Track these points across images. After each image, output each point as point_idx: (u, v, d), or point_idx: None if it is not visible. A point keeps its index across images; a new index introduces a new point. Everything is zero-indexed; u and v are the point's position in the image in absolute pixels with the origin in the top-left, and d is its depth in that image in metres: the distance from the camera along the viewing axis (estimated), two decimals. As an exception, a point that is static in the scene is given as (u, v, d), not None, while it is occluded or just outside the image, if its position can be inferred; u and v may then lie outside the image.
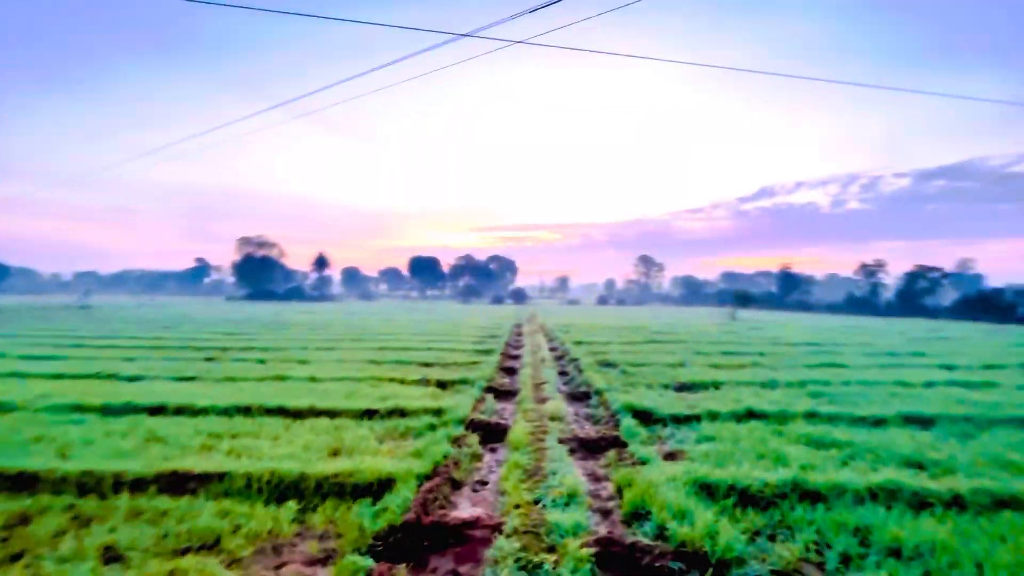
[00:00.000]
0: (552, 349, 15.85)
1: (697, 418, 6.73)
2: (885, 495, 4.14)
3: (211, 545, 3.44)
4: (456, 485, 4.67)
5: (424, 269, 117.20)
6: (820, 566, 3.30)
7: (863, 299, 61.92)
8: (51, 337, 16.88)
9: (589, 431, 6.51)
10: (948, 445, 5.56)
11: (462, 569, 3.24)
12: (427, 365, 11.60)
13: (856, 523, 3.70)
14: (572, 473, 4.71)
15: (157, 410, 6.82)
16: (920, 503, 4.07)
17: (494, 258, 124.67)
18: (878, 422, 6.56)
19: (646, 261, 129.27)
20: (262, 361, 11.76)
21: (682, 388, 8.95)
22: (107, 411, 6.72)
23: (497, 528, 3.59)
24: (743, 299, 44.16)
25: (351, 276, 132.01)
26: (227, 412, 6.74)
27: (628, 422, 6.42)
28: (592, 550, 3.25)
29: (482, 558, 3.30)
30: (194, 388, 8.28)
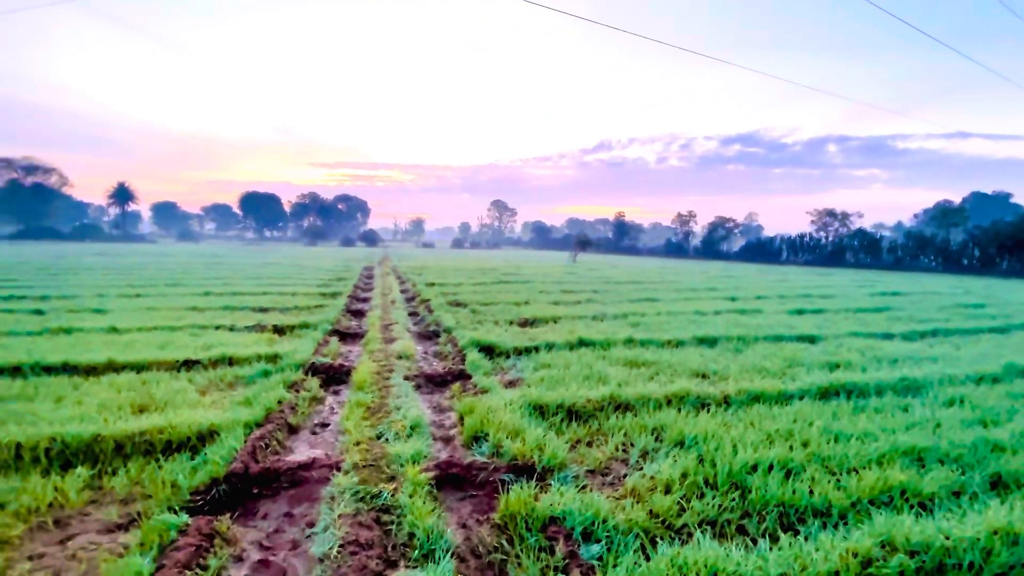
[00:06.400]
0: (404, 291, 15.62)
1: (536, 349, 7.30)
2: (677, 400, 5.02)
3: (-38, 530, 2.80)
4: (293, 430, 4.45)
5: (260, 207, 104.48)
6: (625, 462, 3.91)
7: (678, 245, 72.25)
8: None
9: (436, 367, 6.66)
10: (725, 358, 6.90)
11: (296, 510, 3.14)
12: (263, 310, 10.60)
13: (654, 425, 4.43)
14: (417, 407, 4.80)
15: None
16: (702, 404, 5.02)
17: (343, 197, 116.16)
18: (678, 344, 7.84)
19: (499, 206, 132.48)
20: (39, 312, 9.54)
21: (525, 323, 9.59)
22: None
23: (336, 466, 3.53)
24: (583, 244, 48.14)
25: (166, 212, 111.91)
26: (-17, 374, 5.39)
27: (473, 356, 6.70)
28: (431, 474, 3.39)
29: (319, 497, 3.23)
30: (-71, 348, 6.41)
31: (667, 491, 3.32)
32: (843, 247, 50.97)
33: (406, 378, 5.85)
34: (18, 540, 2.76)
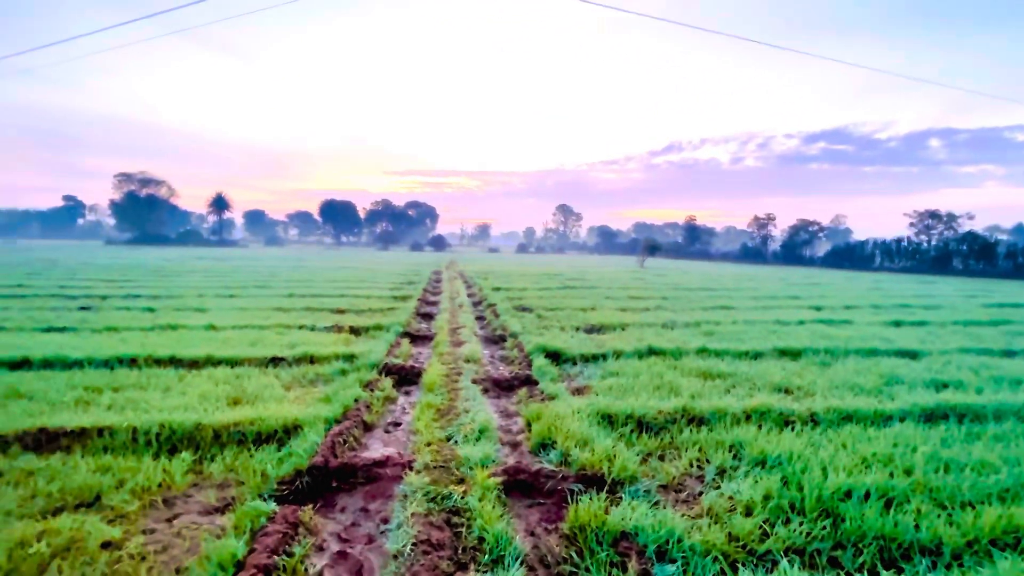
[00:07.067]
0: (470, 295, 15.92)
1: (604, 356, 7.15)
2: (757, 416, 4.72)
3: (90, 503, 3.17)
4: (368, 427, 4.64)
5: (338, 214, 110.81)
6: (700, 479, 3.72)
7: (755, 249, 68.29)
8: None
9: (503, 372, 6.70)
10: (810, 372, 6.40)
11: (372, 506, 3.27)
12: (340, 312, 11.19)
13: (732, 441, 4.18)
14: (484, 411, 4.85)
15: (19, 364, 6.01)
16: (785, 421, 4.68)
17: (413, 204, 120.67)
18: (757, 355, 7.38)
19: (564, 211, 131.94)
20: (151, 309, 10.68)
21: (591, 330, 9.44)
22: (-49, 367, 5.81)
23: (408, 465, 3.63)
24: (652, 248, 46.81)
25: (256, 219, 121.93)
26: (108, 364, 6.10)
27: (540, 362, 6.67)
28: (500, 479, 3.40)
29: (392, 494, 3.34)
30: (66, 339, 7.36)
31: (748, 513, 3.12)
32: (949, 252, 45.89)
33: (474, 381, 5.94)
34: (134, 515, 3.08)
